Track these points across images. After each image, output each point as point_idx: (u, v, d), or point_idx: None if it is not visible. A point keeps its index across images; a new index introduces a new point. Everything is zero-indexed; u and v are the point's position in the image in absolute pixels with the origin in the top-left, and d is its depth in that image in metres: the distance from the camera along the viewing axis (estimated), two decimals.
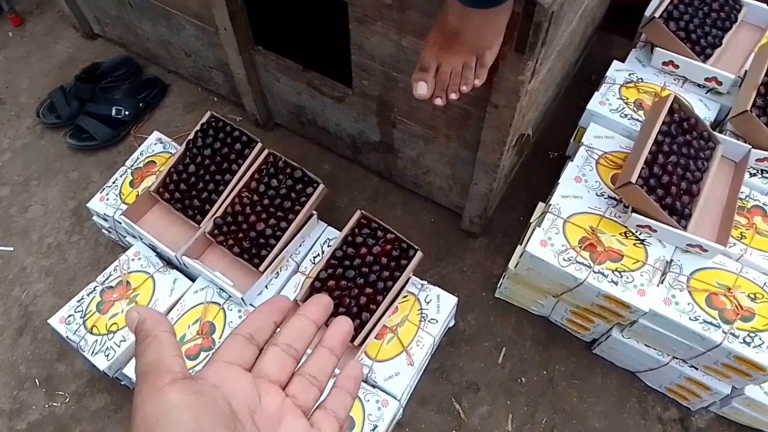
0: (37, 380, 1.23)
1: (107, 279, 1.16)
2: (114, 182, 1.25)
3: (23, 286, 1.33)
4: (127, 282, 1.15)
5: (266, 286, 1.16)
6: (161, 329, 0.33)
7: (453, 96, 0.82)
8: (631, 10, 1.49)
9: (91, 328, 1.10)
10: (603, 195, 1.10)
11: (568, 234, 1.05)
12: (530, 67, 0.89)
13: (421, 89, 0.81)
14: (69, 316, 1.11)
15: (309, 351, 0.39)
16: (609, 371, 1.23)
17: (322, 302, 0.38)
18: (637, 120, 1.19)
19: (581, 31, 1.26)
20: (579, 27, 1.18)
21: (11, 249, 1.36)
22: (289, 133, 1.51)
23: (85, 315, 1.12)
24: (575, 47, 1.31)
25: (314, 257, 1.21)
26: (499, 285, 1.26)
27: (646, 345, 1.12)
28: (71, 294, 1.28)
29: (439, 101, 0.82)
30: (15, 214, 1.41)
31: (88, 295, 1.14)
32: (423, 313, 1.13)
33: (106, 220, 1.25)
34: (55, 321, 1.11)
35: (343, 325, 0.38)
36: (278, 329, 0.37)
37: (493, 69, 0.88)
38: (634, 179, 0.98)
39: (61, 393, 1.21)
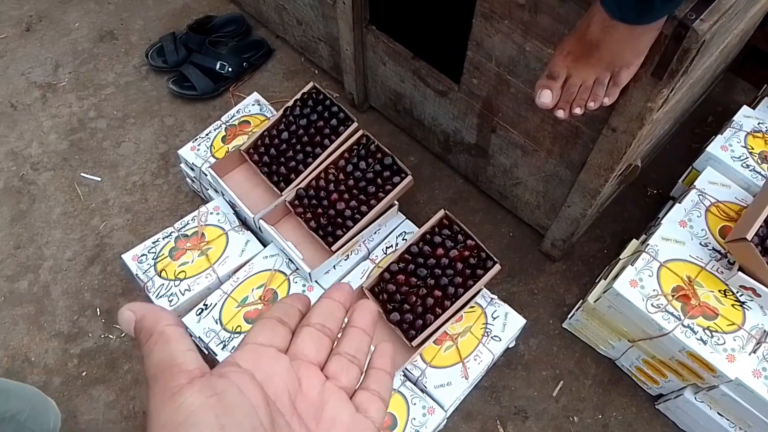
0: (99, 310, 1.26)
1: (184, 227, 1.17)
2: (207, 134, 1.26)
3: (103, 218, 1.37)
4: (203, 234, 1.16)
5: (334, 266, 1.14)
6: (166, 323, 0.29)
7: (577, 111, 0.76)
8: (764, 55, 1.39)
9: (161, 272, 1.11)
10: (708, 246, 1.02)
11: (662, 279, 0.98)
12: (663, 95, 0.83)
13: (545, 97, 0.75)
14: (142, 255, 1.13)
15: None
16: (669, 431, 1.15)
17: (345, 287, 0.36)
18: (760, 174, 1.09)
19: (714, 67, 1.17)
20: (715, 62, 1.10)
21: (99, 179, 1.40)
22: (382, 119, 1.48)
23: (157, 257, 1.13)
24: (704, 83, 1.22)
25: (387, 248, 1.18)
26: (570, 316, 1.20)
27: (719, 413, 1.04)
28: (145, 234, 1.31)
29: (561, 113, 0.77)
30: (108, 148, 1.45)
31: (163, 238, 1.15)
32: (487, 328, 1.08)
33: (192, 169, 1.26)
34: (128, 257, 1.13)
35: (369, 305, 0.36)
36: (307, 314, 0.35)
37: (622, 90, 0.82)
38: (750, 236, 0.90)
39: (118, 327, 1.24)
